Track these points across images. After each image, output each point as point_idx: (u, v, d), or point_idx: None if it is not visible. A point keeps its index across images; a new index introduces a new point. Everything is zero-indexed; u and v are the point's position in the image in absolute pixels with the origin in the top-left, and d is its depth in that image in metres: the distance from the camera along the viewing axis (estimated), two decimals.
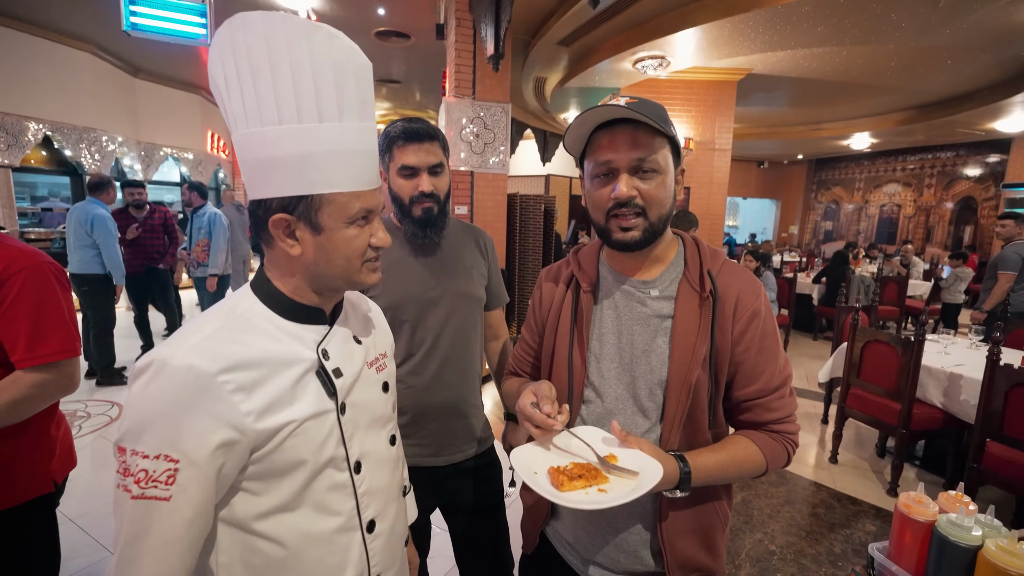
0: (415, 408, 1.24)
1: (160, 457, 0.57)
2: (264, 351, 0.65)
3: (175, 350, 0.60)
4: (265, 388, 0.63)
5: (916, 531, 0.89)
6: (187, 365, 0.58)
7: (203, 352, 0.60)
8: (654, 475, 0.73)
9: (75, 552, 2.13)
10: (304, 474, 0.67)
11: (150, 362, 0.59)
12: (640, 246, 0.85)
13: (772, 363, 0.86)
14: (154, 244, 4.52)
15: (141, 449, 0.57)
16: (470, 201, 4.43)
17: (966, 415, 2.66)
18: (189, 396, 0.58)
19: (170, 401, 0.58)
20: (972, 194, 10.57)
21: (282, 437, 0.64)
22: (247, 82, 0.61)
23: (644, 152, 0.80)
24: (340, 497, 0.71)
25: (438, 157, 1.17)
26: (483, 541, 1.35)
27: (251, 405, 0.61)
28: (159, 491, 0.57)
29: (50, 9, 5.60)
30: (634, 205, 0.82)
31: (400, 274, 1.22)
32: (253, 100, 0.61)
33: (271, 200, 0.64)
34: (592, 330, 0.93)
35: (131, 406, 0.59)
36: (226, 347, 0.62)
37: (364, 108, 0.66)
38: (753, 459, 0.85)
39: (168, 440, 0.58)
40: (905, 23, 4.33)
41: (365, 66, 0.66)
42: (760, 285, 0.88)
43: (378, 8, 5.24)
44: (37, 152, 6.58)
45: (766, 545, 2.35)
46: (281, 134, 0.61)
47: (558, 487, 0.74)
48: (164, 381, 0.58)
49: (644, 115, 0.78)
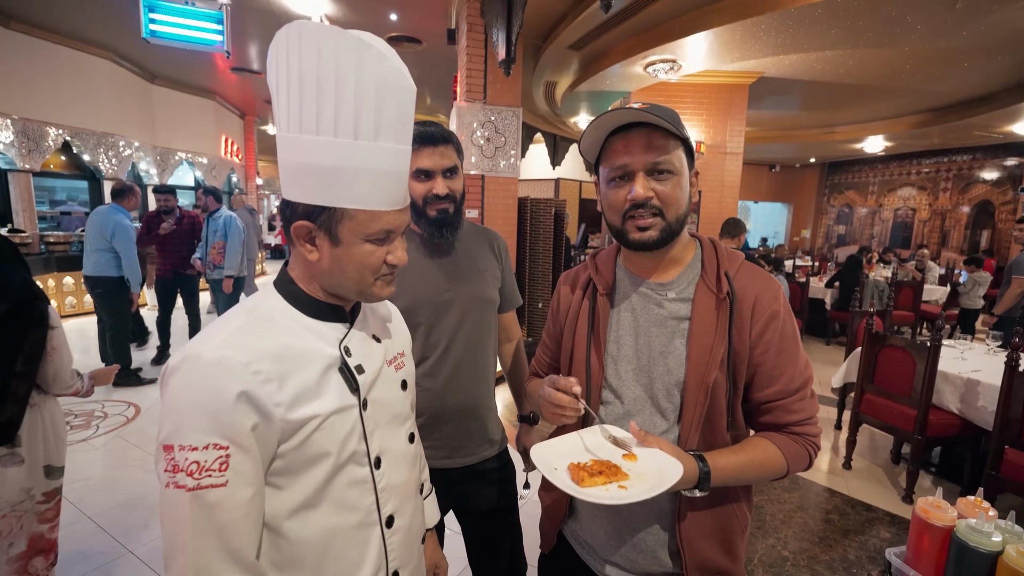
0: (429, 410, 1.24)
1: (209, 447, 0.59)
2: (289, 346, 0.67)
3: (205, 346, 0.62)
4: (292, 381, 0.65)
5: (935, 536, 0.88)
6: (220, 357, 0.61)
7: (233, 345, 0.62)
8: (674, 473, 0.73)
9: (94, 549, 2.17)
10: (327, 468, 0.68)
11: (183, 359, 0.61)
12: (657, 245, 0.85)
13: (792, 365, 0.85)
14: (182, 250, 4.62)
15: (189, 443, 0.59)
16: (481, 205, 4.45)
17: (984, 421, 2.62)
18: (225, 386, 0.60)
19: (208, 393, 0.60)
20: (989, 198, 10.40)
21: (308, 431, 0.66)
22: (294, 89, 0.63)
23: (659, 154, 0.82)
24: (360, 492, 0.73)
25: (452, 160, 1.19)
26: (497, 544, 1.36)
27: (281, 397, 0.63)
28: (215, 479, 0.59)
29: (71, 17, 5.74)
30: (651, 206, 0.83)
31: (415, 277, 1.23)
32: (296, 107, 0.63)
33: (298, 205, 0.66)
34: (609, 332, 0.94)
35: (171, 404, 0.61)
36: (254, 341, 0.64)
37: (401, 130, 0.67)
38: (773, 461, 0.85)
39: (213, 429, 0.59)
40: (920, 25, 4.29)
41: (409, 89, 0.67)
42: (779, 287, 0.88)
43: (390, 14, 5.30)
44: (56, 157, 6.72)
45: (779, 551, 2.33)
46: (316, 144, 0.63)
47: (578, 483, 0.74)
48: (200, 374, 0.60)
49: (659, 117, 0.79)
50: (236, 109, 10.21)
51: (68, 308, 6.41)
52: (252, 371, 0.62)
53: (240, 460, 0.61)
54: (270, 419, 0.63)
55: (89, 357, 4.76)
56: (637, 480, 0.75)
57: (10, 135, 5.90)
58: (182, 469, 0.58)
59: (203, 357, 0.61)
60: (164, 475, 0.59)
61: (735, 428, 0.88)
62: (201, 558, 0.59)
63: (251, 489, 0.62)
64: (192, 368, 0.61)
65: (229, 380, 0.60)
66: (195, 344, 0.63)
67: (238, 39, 6.17)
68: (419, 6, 5.06)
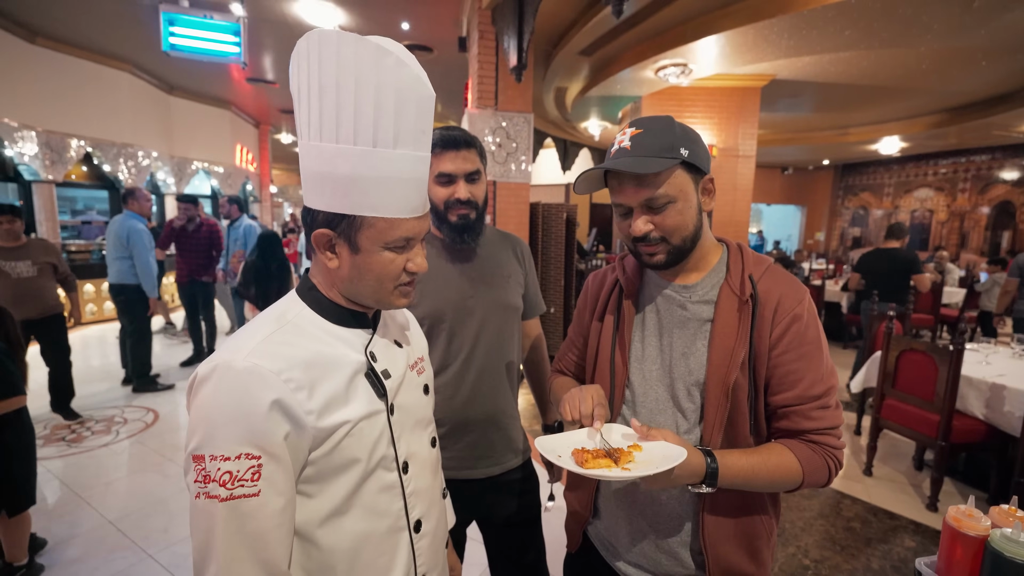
0: (452, 419, 1.23)
1: (241, 456, 0.59)
2: (317, 353, 0.67)
3: (235, 354, 0.62)
4: (322, 388, 0.65)
5: (967, 546, 0.86)
6: (252, 365, 0.61)
7: (263, 354, 0.63)
8: (679, 456, 0.74)
9: (114, 554, 2.20)
10: (357, 474, 0.69)
11: (213, 368, 0.61)
12: (668, 266, 0.88)
13: (813, 370, 0.84)
14: (200, 257, 4.72)
15: (221, 452, 0.59)
16: (493, 211, 4.47)
17: (1011, 427, 2.55)
18: (258, 395, 0.60)
19: (240, 401, 0.60)
20: (1010, 198, 10.19)
21: (339, 437, 0.66)
22: (314, 97, 0.63)
23: (650, 191, 0.83)
24: (389, 498, 0.73)
25: (475, 164, 1.19)
26: (520, 556, 1.34)
27: (312, 404, 0.64)
28: (247, 488, 0.59)
29: (93, 32, 5.88)
30: (651, 239, 0.85)
31: (437, 282, 1.22)
32: (317, 115, 0.63)
33: (318, 213, 0.67)
34: (635, 333, 0.95)
35: (202, 414, 0.60)
36: (283, 349, 0.64)
37: (421, 137, 0.67)
38: (788, 468, 0.83)
39: (246, 438, 0.59)
40: (937, 24, 4.23)
41: (428, 96, 0.66)
42: (805, 291, 0.87)
43: (402, 23, 5.36)
44: (78, 168, 6.88)
45: (800, 559, 2.28)
46: (336, 153, 0.63)
47: (582, 464, 0.75)
48: (232, 383, 0.60)
49: (640, 157, 0.80)
50: (251, 119, 10.38)
51: (88, 315, 6.53)
52: (284, 379, 0.62)
53: (272, 469, 0.61)
54: (302, 427, 0.63)
55: (108, 363, 4.85)
56: (641, 465, 0.75)
57: (34, 147, 6.05)
58: (214, 479, 0.58)
59: (234, 366, 0.61)
60: (195, 485, 0.59)
61: (758, 432, 0.88)
62: (234, 569, 0.59)
63: (283, 498, 0.62)
64: (224, 377, 0.61)
65: (262, 389, 0.60)
66: (225, 352, 0.63)
67: (254, 50, 6.28)
68: (431, 15, 5.12)
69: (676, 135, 0.84)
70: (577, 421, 0.85)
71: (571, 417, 0.85)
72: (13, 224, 3.20)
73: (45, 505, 2.55)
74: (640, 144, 0.83)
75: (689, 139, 0.85)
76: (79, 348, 5.47)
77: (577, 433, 0.87)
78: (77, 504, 2.57)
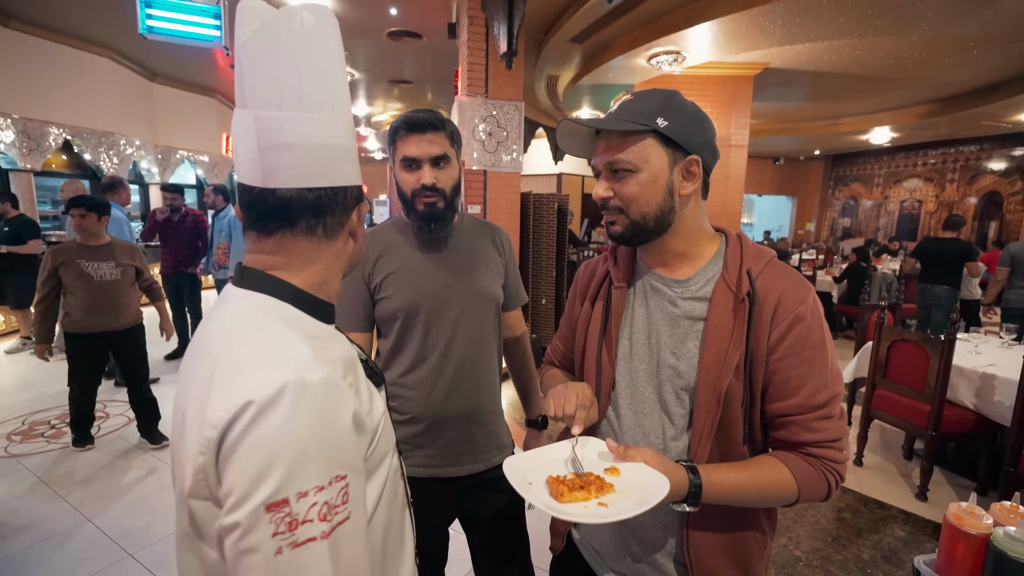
0: (430, 416, 1.18)
1: (333, 481, 0.51)
2: (342, 352, 0.61)
3: (299, 367, 0.52)
4: (362, 387, 0.62)
5: (969, 545, 0.83)
6: (324, 377, 0.53)
7: (322, 362, 0.55)
8: (660, 490, 0.69)
9: (93, 552, 2.14)
10: (388, 463, 0.66)
11: (282, 389, 0.50)
12: (627, 241, 0.85)
13: (815, 377, 0.77)
14: (183, 248, 4.63)
15: (314, 484, 0.50)
16: (483, 200, 4.40)
17: (1001, 417, 2.56)
18: (341, 408, 0.54)
19: (325, 419, 0.52)
20: (997, 189, 10.27)
21: (380, 431, 0.63)
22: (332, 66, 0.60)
23: (612, 154, 0.80)
24: (397, 479, 0.71)
25: (442, 148, 1.12)
26: (504, 554, 1.31)
27: (365, 405, 0.60)
28: (341, 513, 0.52)
29: (70, 15, 5.70)
30: (611, 207, 0.83)
31: (412, 273, 1.17)
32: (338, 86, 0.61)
33: (349, 189, 0.63)
34: (623, 329, 0.89)
35: (284, 444, 0.49)
36: (324, 353, 0.57)
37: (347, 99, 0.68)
38: (781, 483, 0.77)
39: (336, 459, 0.52)
40: (931, 12, 4.20)
41: None
42: (809, 289, 0.80)
43: (391, 8, 5.23)
44: (58, 156, 6.71)
45: (791, 551, 2.28)
46: (338, 121, 0.61)
47: (557, 497, 0.70)
48: (311, 401, 0.51)
49: (615, 119, 0.78)
50: None
51: None
52: (348, 384, 0.57)
53: (356, 485, 0.55)
54: (366, 431, 0.59)
55: None
56: (620, 496, 0.71)
57: (11, 135, 5.87)
58: (306, 519, 0.49)
59: (309, 382, 0.51)
60: (271, 541, 0.47)
61: (753, 442, 0.82)
62: None
63: (365, 509, 0.57)
64: (302, 396, 0.50)
65: (341, 401, 0.54)
66: (284, 369, 0.52)
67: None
68: (420, 0, 5.00)
69: (660, 104, 0.78)
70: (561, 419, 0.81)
71: (555, 415, 0.80)
72: (85, 219, 2.75)
73: (22, 503, 2.48)
74: (625, 107, 0.80)
75: (676, 111, 0.79)
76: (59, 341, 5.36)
77: (550, 449, 0.83)
78: (55, 502, 2.50)
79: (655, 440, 0.85)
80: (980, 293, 5.61)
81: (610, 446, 0.77)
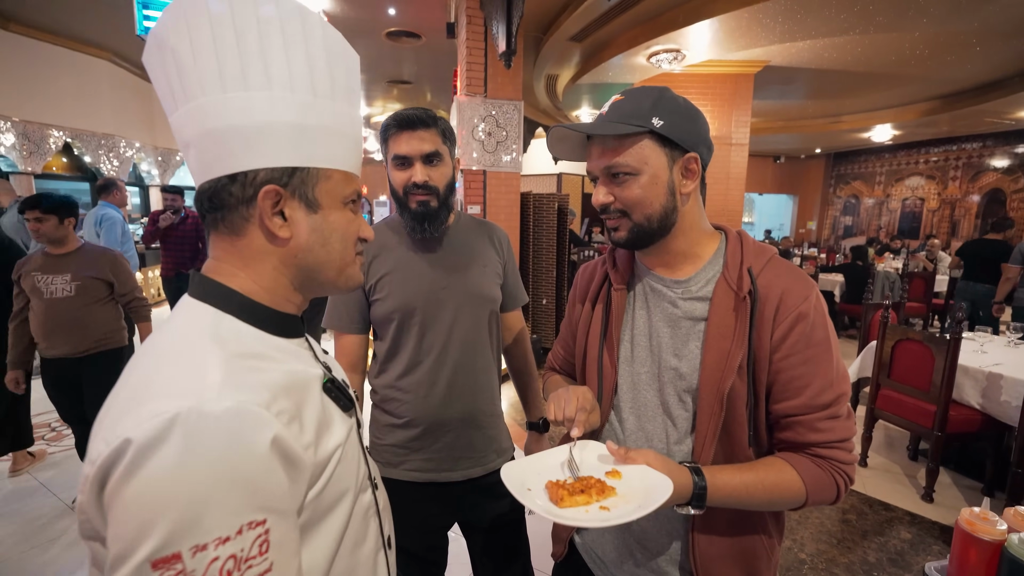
0: (427, 419, 1.16)
1: (243, 530, 0.43)
2: (288, 373, 0.54)
3: (200, 396, 0.45)
4: (308, 414, 0.54)
5: (982, 551, 0.81)
6: (235, 405, 0.45)
7: (240, 385, 0.47)
8: (663, 491, 0.67)
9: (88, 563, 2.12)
10: (347, 503, 0.59)
11: (170, 423, 0.42)
12: (631, 245, 0.83)
13: (820, 376, 0.75)
14: (183, 250, 4.63)
15: (214, 536, 0.42)
16: (483, 200, 4.37)
17: (1007, 417, 2.53)
18: (254, 441, 0.45)
19: (231, 456, 0.44)
20: (1000, 186, 10.21)
21: (332, 468, 0.56)
22: (229, 44, 0.53)
23: (610, 158, 0.78)
24: (368, 520, 0.65)
25: (434, 145, 1.10)
26: (504, 559, 1.28)
27: (307, 436, 0.52)
28: (256, 567, 0.44)
29: (69, 18, 5.69)
30: (613, 211, 0.81)
31: (407, 273, 1.15)
32: (236, 63, 0.53)
33: (255, 172, 0.54)
34: (624, 332, 0.88)
35: (173, 489, 0.41)
36: (255, 376, 0.50)
37: (352, 95, 0.62)
38: (789, 485, 0.75)
39: (247, 503, 0.44)
40: (933, 8, 4.17)
41: (355, 57, 0.63)
42: (813, 286, 0.78)
43: (389, 8, 5.21)
44: (58, 159, 6.70)
45: (796, 553, 2.25)
46: (274, 99, 0.54)
47: (557, 502, 0.68)
48: (212, 436, 0.43)
49: (609, 122, 0.76)
50: None
51: None
52: (275, 413, 0.48)
53: (281, 531, 0.46)
54: (301, 468, 0.50)
55: None
56: (622, 499, 0.68)
57: (11, 137, 5.87)
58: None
59: (209, 410, 0.44)
60: None
61: (759, 444, 0.80)
62: None
63: (297, 559, 0.49)
64: (196, 431, 0.43)
65: (255, 432, 0.45)
66: (178, 399, 0.44)
67: None
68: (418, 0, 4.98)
69: (653, 103, 0.76)
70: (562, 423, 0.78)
71: (555, 418, 0.78)
72: (42, 224, 2.24)
73: (21, 507, 2.46)
74: (616, 109, 0.78)
75: (669, 110, 0.77)
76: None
77: (549, 454, 0.81)
78: (54, 505, 2.48)
79: (658, 444, 0.83)
80: None
81: (611, 448, 0.75)
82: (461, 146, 4.19)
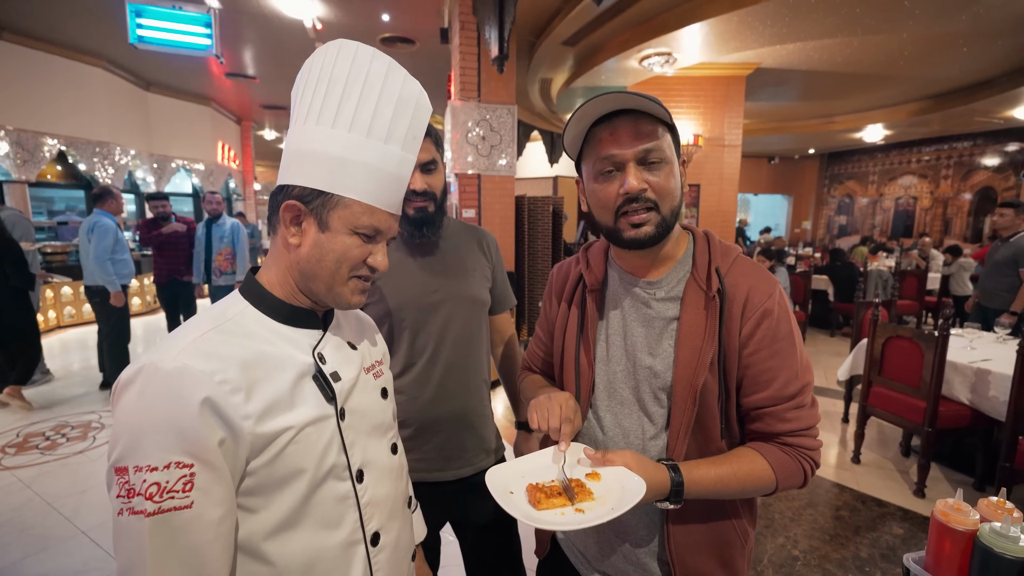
0: (418, 420, 1.18)
1: (171, 466, 0.54)
2: (259, 353, 0.63)
3: (164, 354, 0.57)
4: (263, 391, 0.61)
5: (956, 541, 0.83)
6: (180, 366, 0.56)
7: (195, 353, 0.58)
8: (636, 492, 0.69)
9: (87, 566, 2.13)
10: (304, 484, 0.64)
11: (138, 370, 0.56)
12: (654, 242, 0.79)
13: (786, 368, 0.78)
14: (176, 256, 4.63)
15: (147, 463, 0.54)
16: (478, 204, 4.40)
17: (996, 412, 2.56)
18: (188, 397, 0.55)
19: (168, 405, 0.55)
20: (991, 184, 10.30)
21: (281, 444, 0.62)
22: (321, 87, 0.65)
23: (649, 141, 0.75)
24: (343, 509, 0.68)
25: (430, 154, 1.13)
26: (496, 558, 1.30)
27: (250, 408, 0.59)
28: (178, 500, 0.54)
29: (63, 26, 5.70)
30: (645, 199, 0.76)
31: (399, 278, 1.18)
32: (320, 103, 0.65)
33: (293, 187, 0.66)
34: (599, 332, 0.90)
35: (124, 421, 0.55)
36: (218, 348, 0.60)
37: (411, 142, 0.71)
38: (760, 474, 0.78)
39: (176, 445, 0.54)
40: (919, 10, 4.22)
41: (426, 107, 0.72)
42: (776, 283, 0.81)
43: (382, 14, 5.25)
44: (52, 167, 6.70)
45: (789, 550, 2.27)
46: (329, 136, 0.65)
47: (535, 504, 0.71)
48: (158, 386, 0.55)
49: (648, 101, 0.74)
50: (232, 115, 10.17)
51: (67, 318, 6.38)
52: (217, 380, 0.57)
53: (207, 478, 0.56)
54: (238, 433, 0.58)
55: (88, 367, 4.73)
56: (598, 501, 0.71)
57: (5, 146, 5.86)
58: (139, 492, 0.53)
59: (162, 367, 0.56)
60: (117, 501, 0.54)
61: (731, 436, 0.83)
62: None
63: (221, 509, 0.57)
64: (150, 380, 0.55)
65: (191, 391, 0.56)
66: (152, 354, 0.58)
67: (231, 44, 6.12)
68: (411, 6, 5.01)
69: (660, 105, 0.78)
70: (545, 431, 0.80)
71: (538, 427, 0.80)
72: None
73: (15, 516, 2.47)
74: (640, 96, 0.75)
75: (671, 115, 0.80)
76: (58, 351, 5.35)
77: (533, 458, 0.83)
78: (48, 515, 2.49)
79: (635, 440, 0.85)
80: (971, 288, 5.63)
81: (588, 453, 0.77)
82: (455, 150, 4.21)
